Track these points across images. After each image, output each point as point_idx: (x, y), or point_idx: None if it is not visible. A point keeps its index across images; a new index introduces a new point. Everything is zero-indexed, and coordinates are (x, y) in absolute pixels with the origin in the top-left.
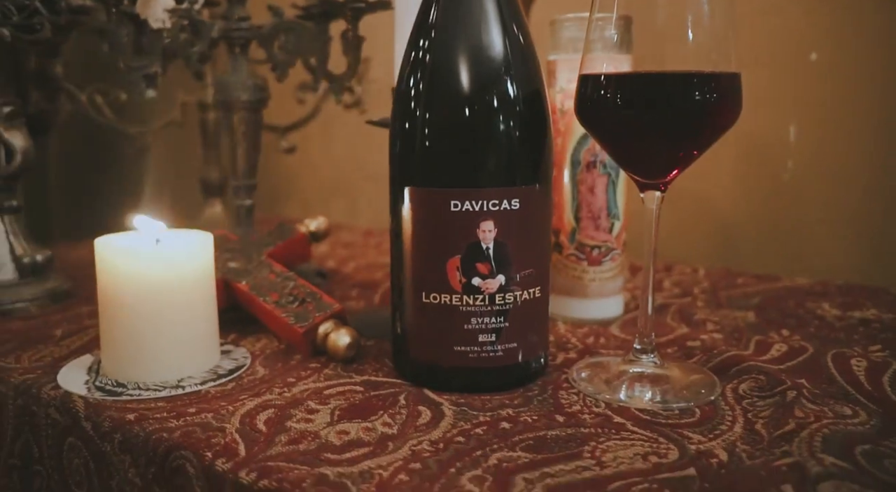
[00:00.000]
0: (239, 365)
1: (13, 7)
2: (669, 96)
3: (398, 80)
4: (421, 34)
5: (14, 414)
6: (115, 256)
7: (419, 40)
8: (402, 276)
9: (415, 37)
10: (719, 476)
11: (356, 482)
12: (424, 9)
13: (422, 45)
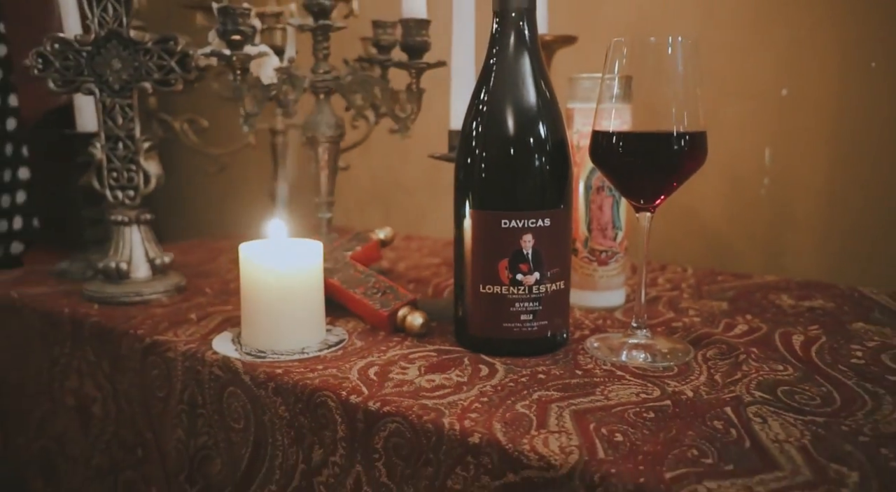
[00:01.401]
0: (341, 339)
1: (154, 66)
2: (654, 149)
3: (463, 126)
4: (480, 93)
5: (182, 373)
6: (255, 257)
7: (479, 98)
8: (464, 273)
9: (475, 95)
10: (685, 405)
11: (447, 408)
12: (484, 75)
13: (481, 100)
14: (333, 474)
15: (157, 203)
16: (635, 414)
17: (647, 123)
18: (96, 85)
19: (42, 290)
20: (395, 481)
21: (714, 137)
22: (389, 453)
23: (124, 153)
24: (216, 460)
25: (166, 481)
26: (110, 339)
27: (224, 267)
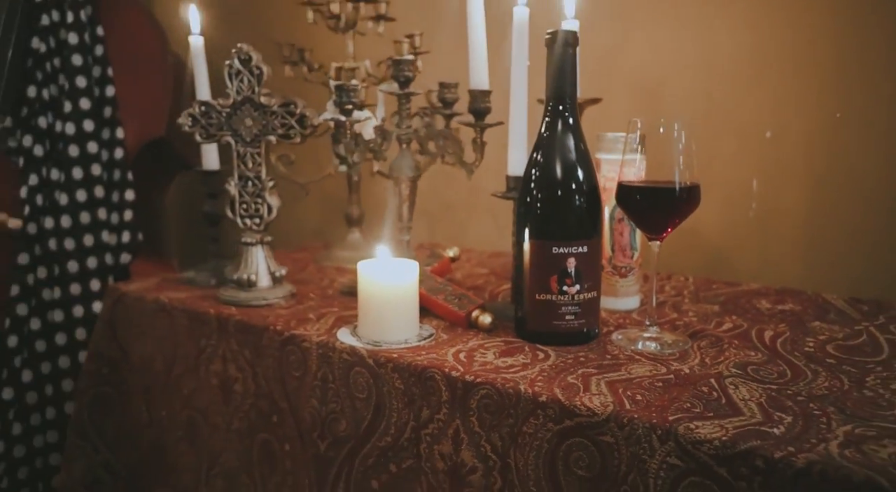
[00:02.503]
0: (431, 333)
1: (279, 124)
2: (661, 198)
3: (524, 177)
4: (536, 154)
5: (316, 358)
6: (370, 274)
7: (536, 157)
8: (523, 284)
9: (533, 155)
10: (683, 377)
11: (520, 379)
12: (539, 141)
13: (536, 160)
14: (437, 427)
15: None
16: (649, 383)
17: (657, 173)
18: (232, 137)
19: (183, 295)
20: (484, 428)
21: (712, 170)
22: (481, 410)
23: (253, 190)
24: (342, 421)
25: (300, 438)
26: (252, 332)
27: (315, 276)
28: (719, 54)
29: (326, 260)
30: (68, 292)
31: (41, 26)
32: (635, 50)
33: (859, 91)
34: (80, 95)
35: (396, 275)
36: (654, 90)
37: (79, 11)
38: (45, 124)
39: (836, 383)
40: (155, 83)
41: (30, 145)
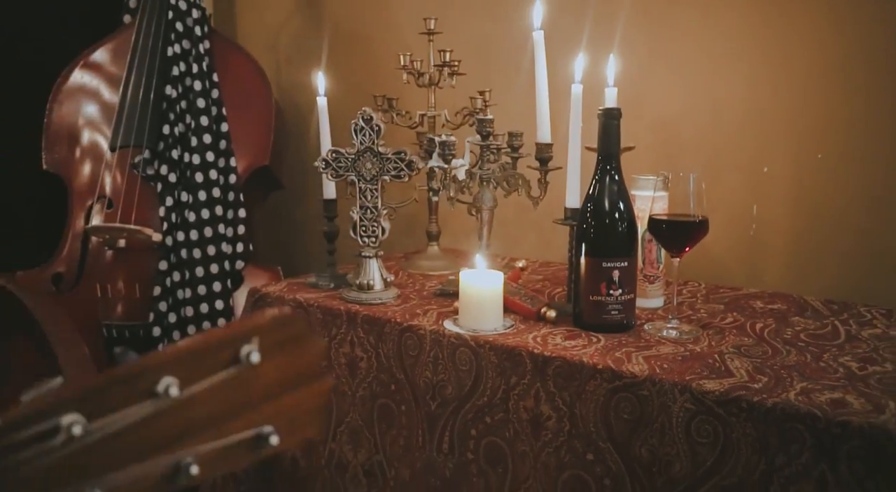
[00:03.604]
0: (511, 324)
1: (392, 167)
2: (679, 227)
3: (581, 209)
4: (591, 190)
5: (429, 341)
6: (470, 280)
7: (592, 193)
8: (579, 288)
9: (589, 192)
10: (695, 354)
11: (582, 355)
12: (592, 184)
13: (592, 194)
14: (522, 388)
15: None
16: (671, 357)
17: (676, 207)
18: (356, 177)
19: (312, 295)
20: (557, 389)
21: (719, 197)
22: (555, 376)
23: (371, 216)
24: (449, 387)
25: (415, 401)
26: (376, 323)
27: (408, 281)
28: (724, 103)
29: (412, 268)
30: (197, 293)
31: (172, 76)
32: (656, 100)
33: (837, 138)
34: (202, 132)
35: (487, 281)
36: (672, 133)
37: (200, 63)
38: (177, 156)
39: (802, 358)
40: (260, 120)
41: (165, 173)
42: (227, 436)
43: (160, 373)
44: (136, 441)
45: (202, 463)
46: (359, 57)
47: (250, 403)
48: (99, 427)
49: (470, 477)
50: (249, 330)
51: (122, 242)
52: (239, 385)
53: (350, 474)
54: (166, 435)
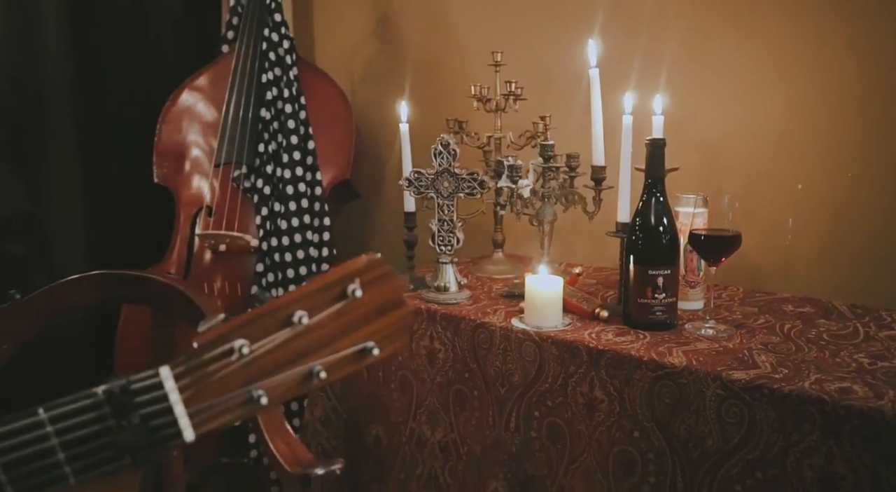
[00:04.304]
0: (569, 322)
1: (466, 186)
2: (716, 241)
3: (631, 222)
4: (640, 206)
5: (499, 336)
6: (535, 284)
7: (640, 209)
8: (629, 291)
9: (638, 207)
10: (728, 349)
11: (630, 349)
12: (641, 200)
13: (641, 209)
14: (579, 376)
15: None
16: (707, 352)
17: (714, 222)
18: (434, 194)
19: None
20: (609, 377)
21: (757, 211)
22: (608, 366)
23: (447, 228)
24: (515, 375)
25: (486, 386)
26: (453, 320)
27: (476, 284)
28: (761, 128)
29: (479, 272)
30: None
31: (266, 100)
32: (699, 125)
33: (866, 160)
34: (292, 150)
35: (549, 285)
36: (714, 155)
37: (290, 88)
38: (270, 171)
39: (821, 355)
40: (342, 138)
41: (261, 186)
42: (342, 350)
43: (295, 307)
44: (282, 356)
45: (327, 369)
46: (429, 81)
47: (357, 325)
48: (258, 347)
49: (533, 452)
50: (352, 272)
51: (223, 247)
52: (348, 313)
53: (428, 449)
54: (301, 351)
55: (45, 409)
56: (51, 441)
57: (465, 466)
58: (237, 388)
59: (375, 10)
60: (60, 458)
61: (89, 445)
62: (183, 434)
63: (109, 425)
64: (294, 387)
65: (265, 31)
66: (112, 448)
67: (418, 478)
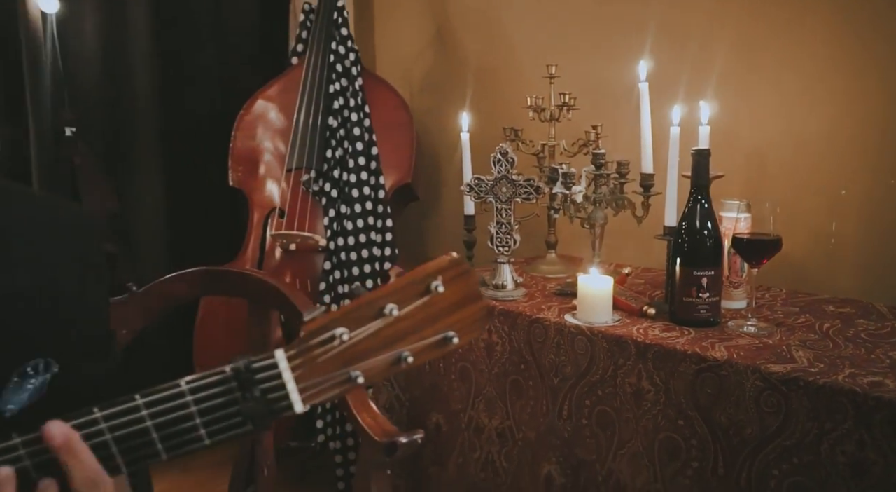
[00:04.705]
0: (619, 318)
1: (523, 191)
2: (757, 244)
3: (677, 227)
4: (685, 212)
5: (553, 331)
6: (587, 283)
7: (686, 215)
8: (674, 290)
9: (683, 214)
10: (768, 345)
11: (675, 343)
12: (686, 207)
13: (687, 214)
14: (627, 368)
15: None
16: (747, 347)
17: (756, 226)
18: (493, 199)
19: None
20: (655, 369)
21: (802, 216)
22: (654, 359)
23: (505, 230)
24: (568, 366)
25: (541, 377)
26: (510, 316)
27: (531, 283)
28: (805, 136)
29: (533, 271)
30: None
31: (333, 109)
32: (745, 133)
33: None
34: (357, 155)
35: (600, 284)
36: (760, 162)
37: (356, 97)
38: (337, 175)
39: (857, 352)
40: (404, 145)
41: (328, 190)
42: (427, 338)
43: (386, 300)
44: (376, 342)
45: (414, 355)
46: (485, 90)
47: (439, 317)
48: (356, 334)
49: (584, 438)
50: (435, 270)
51: (293, 246)
52: (431, 306)
53: (485, 435)
54: (392, 338)
55: (185, 382)
56: (190, 408)
57: (520, 450)
58: (338, 369)
59: (433, 22)
60: (198, 422)
61: (220, 412)
62: (294, 406)
63: (236, 396)
64: (385, 369)
65: (333, 44)
66: (238, 416)
67: (475, 462)
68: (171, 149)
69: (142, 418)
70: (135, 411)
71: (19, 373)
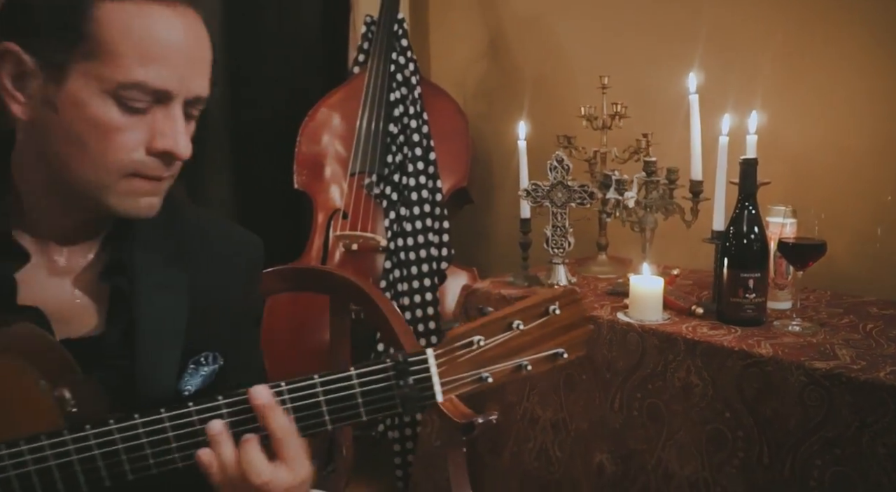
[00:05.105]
0: (668, 317)
1: (577, 196)
2: (802, 248)
3: (724, 231)
4: (734, 215)
5: (607, 327)
6: (639, 283)
7: (733, 220)
8: (722, 291)
9: (733, 215)
10: (812, 344)
11: (723, 341)
12: (734, 212)
13: (735, 219)
14: (677, 363)
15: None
16: (792, 344)
17: (801, 231)
18: (549, 203)
19: (512, 291)
20: (703, 364)
21: (847, 221)
22: (702, 355)
23: (560, 233)
24: (620, 361)
25: (593, 371)
26: None
27: (583, 283)
28: (850, 144)
29: (585, 272)
30: (412, 286)
31: (394, 116)
32: (792, 141)
33: None
34: (416, 160)
35: (651, 284)
36: (806, 169)
37: (415, 105)
38: (397, 179)
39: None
40: (460, 150)
41: (389, 193)
42: (542, 352)
43: (514, 317)
44: (503, 350)
45: (532, 364)
46: (537, 97)
47: (554, 335)
48: (489, 342)
49: (635, 429)
50: (554, 296)
51: (355, 246)
52: (549, 325)
53: (539, 426)
54: (516, 348)
55: (354, 368)
56: (355, 389)
57: (573, 440)
58: (473, 369)
59: (487, 32)
60: (359, 401)
61: (378, 395)
62: (436, 396)
63: (392, 383)
64: (509, 374)
65: (393, 54)
66: (393, 399)
67: (529, 451)
68: (240, 153)
69: (316, 393)
70: (312, 388)
71: (195, 361)
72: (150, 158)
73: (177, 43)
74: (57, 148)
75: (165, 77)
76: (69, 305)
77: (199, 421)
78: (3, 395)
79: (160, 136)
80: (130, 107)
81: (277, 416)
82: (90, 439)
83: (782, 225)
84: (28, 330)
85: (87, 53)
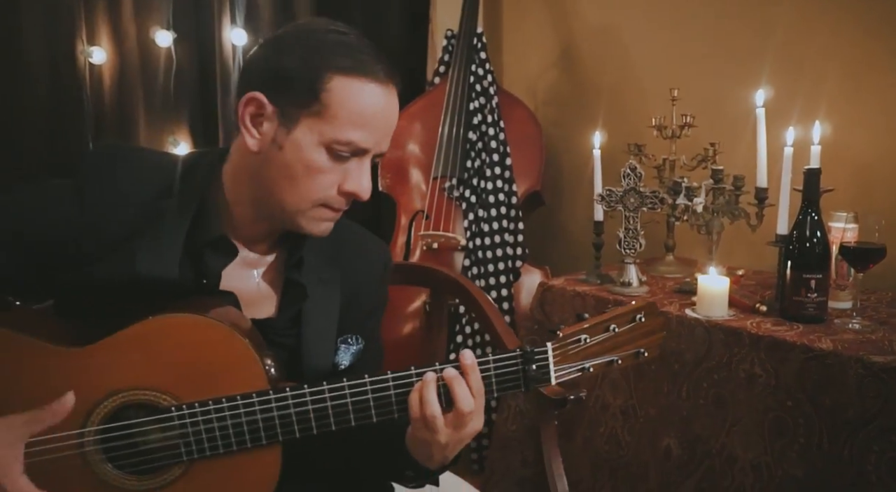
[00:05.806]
0: (733, 314)
1: (648, 201)
2: (863, 252)
3: (788, 235)
4: (798, 219)
5: (676, 323)
6: (707, 282)
7: (796, 226)
8: (785, 291)
9: (797, 219)
10: (870, 340)
11: (785, 336)
12: (797, 218)
13: (798, 223)
14: (741, 356)
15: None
16: (851, 340)
17: (863, 235)
18: (623, 208)
19: (586, 288)
20: (767, 357)
21: None
22: (766, 349)
23: (632, 235)
24: (686, 354)
25: (662, 362)
26: None
27: (651, 281)
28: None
29: (653, 272)
30: (489, 283)
31: (473, 124)
32: (854, 148)
33: None
34: (493, 165)
35: (718, 283)
36: (868, 176)
37: (493, 114)
38: (476, 183)
39: None
40: (534, 156)
41: (468, 196)
42: (629, 351)
43: (611, 322)
44: (601, 348)
45: (622, 360)
46: (608, 106)
47: (638, 338)
48: (592, 341)
49: (701, 416)
50: (640, 308)
51: (436, 245)
52: (635, 330)
53: (610, 412)
54: (610, 347)
55: (492, 354)
56: (490, 372)
57: (641, 426)
58: (579, 361)
59: (559, 42)
60: (493, 381)
61: (507, 377)
62: (551, 380)
63: (520, 368)
64: (604, 366)
65: (472, 66)
66: (519, 380)
67: (600, 436)
68: None
69: (489, 369)
70: (487, 364)
71: (344, 341)
72: (339, 196)
73: (381, 114)
74: (272, 175)
75: (368, 139)
76: (254, 292)
77: (394, 386)
78: (220, 357)
79: (350, 180)
80: (337, 156)
81: (477, 375)
82: (306, 396)
83: (843, 230)
84: (232, 310)
85: (315, 112)
